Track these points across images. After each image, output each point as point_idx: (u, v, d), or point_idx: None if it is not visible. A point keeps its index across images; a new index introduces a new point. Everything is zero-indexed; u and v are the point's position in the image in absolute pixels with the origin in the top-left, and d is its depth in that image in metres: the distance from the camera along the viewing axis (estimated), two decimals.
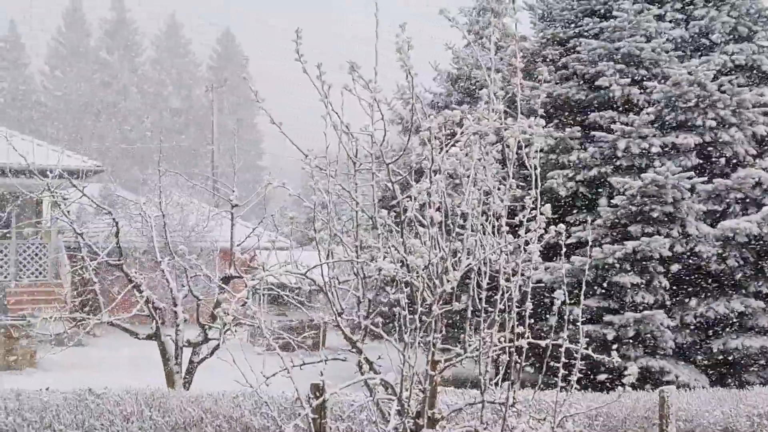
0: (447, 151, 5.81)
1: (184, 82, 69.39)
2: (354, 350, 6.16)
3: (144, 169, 57.81)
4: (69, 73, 66.87)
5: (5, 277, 23.05)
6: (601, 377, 6.88)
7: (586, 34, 16.32)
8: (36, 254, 23.39)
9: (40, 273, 23.40)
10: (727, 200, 14.37)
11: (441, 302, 5.74)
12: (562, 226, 5.67)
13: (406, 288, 5.84)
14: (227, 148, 52.32)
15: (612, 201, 14.43)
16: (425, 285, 5.75)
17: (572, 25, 16.77)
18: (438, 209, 5.65)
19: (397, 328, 5.73)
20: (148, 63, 71.08)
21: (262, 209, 16.42)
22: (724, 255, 14.03)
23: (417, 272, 5.72)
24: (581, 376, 5.85)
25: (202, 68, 71.60)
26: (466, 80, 16.71)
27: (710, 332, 14.43)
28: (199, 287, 12.07)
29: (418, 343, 5.68)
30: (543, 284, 12.28)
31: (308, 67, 6.17)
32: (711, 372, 14.52)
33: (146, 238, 21.50)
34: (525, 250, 5.78)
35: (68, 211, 11.62)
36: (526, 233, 5.68)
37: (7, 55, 67.58)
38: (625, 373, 5.54)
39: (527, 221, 5.69)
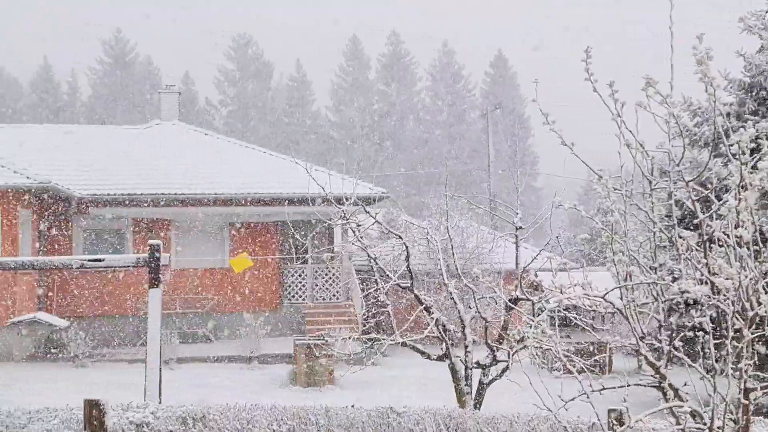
0: (755, 166, 5.47)
1: (458, 108, 70.99)
2: (657, 376, 5.94)
3: (422, 193, 59.77)
4: (351, 106, 70.81)
5: (303, 299, 24.80)
6: None
7: None
8: (330, 277, 24.94)
9: (334, 295, 24.93)
10: None
11: (752, 327, 5.40)
12: None
13: (709, 311, 5.56)
14: (503, 171, 52.82)
15: None
16: (734, 308, 5.43)
17: None
18: (747, 227, 5.33)
19: (702, 354, 5.45)
20: (424, 91, 73.57)
21: (539, 231, 16.38)
22: None
23: (725, 295, 5.41)
24: None
25: (475, 93, 72.90)
26: (761, 89, 15.63)
27: None
28: (486, 309, 12.21)
29: (728, 370, 5.37)
30: None
31: (598, 85, 6.08)
32: None
33: (431, 261, 22.19)
34: None
35: (361, 237, 12.23)
36: None
37: (296, 93, 72.97)
38: None
39: None
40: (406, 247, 11.69)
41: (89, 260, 11.38)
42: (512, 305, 10.59)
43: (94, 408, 6.66)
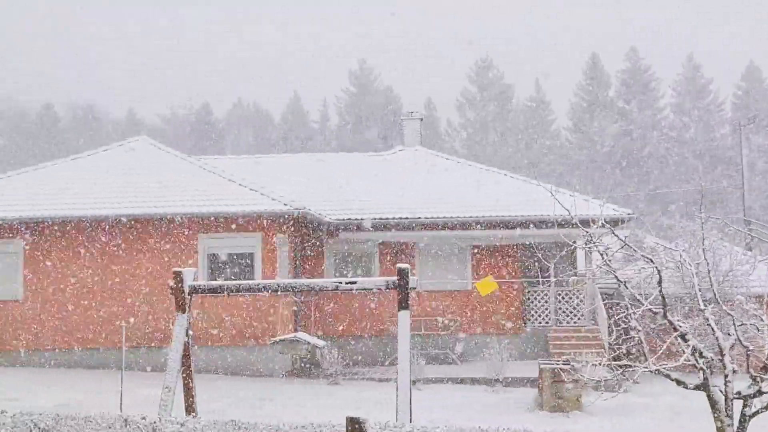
0: None
1: (706, 123, 67.57)
2: None
3: (668, 213, 57.23)
4: (590, 125, 69.39)
5: (546, 322, 24.55)
6: None
7: None
8: (574, 301, 24.52)
9: (579, 319, 24.46)
10: None
11: None
12: None
13: None
14: (759, 188, 49.46)
15: None
16: None
17: None
18: None
19: None
20: (668, 107, 70.74)
21: None
22: None
23: None
24: None
25: (725, 107, 69.16)
26: None
27: None
28: (747, 335, 11.51)
29: None
30: None
31: None
32: None
33: (681, 285, 21.20)
34: None
35: (609, 260, 11.94)
36: None
37: (535, 113, 72.70)
38: None
39: None
40: (658, 270, 11.29)
41: (344, 282, 11.94)
42: None
43: (355, 425, 6.98)
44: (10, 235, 21.80)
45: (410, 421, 10.67)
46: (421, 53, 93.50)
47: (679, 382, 10.75)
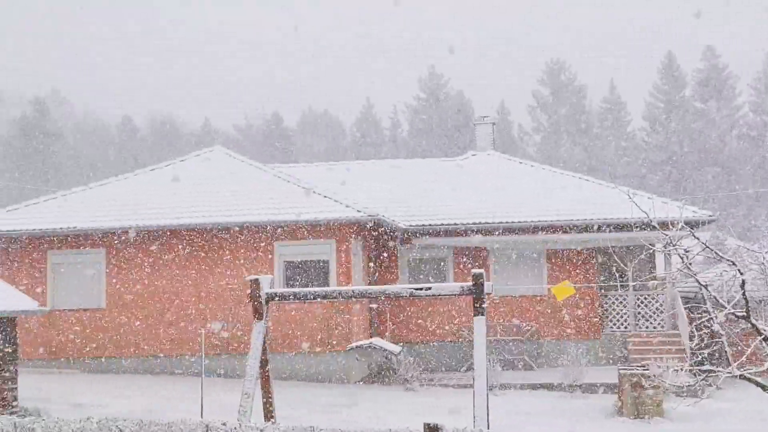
0: None
1: None
2: None
3: (751, 214, 55.70)
4: (667, 126, 68.00)
5: (625, 327, 24.10)
6: None
7: None
8: (654, 305, 24.01)
9: (659, 323, 23.96)
10: None
11: None
12: None
13: None
14: None
15: None
16: None
17: None
18: None
19: None
20: (747, 106, 68.94)
21: None
22: None
23: None
24: None
25: None
26: None
27: None
28: None
29: None
30: None
31: None
32: None
33: (766, 287, 20.60)
34: None
35: (690, 264, 11.68)
36: None
37: (610, 115, 71.61)
38: None
39: None
40: (741, 273, 11.01)
41: (418, 289, 11.94)
42: None
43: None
44: (94, 245, 22.40)
45: (488, 428, 10.62)
46: (493, 59, 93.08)
47: (764, 388, 10.48)
